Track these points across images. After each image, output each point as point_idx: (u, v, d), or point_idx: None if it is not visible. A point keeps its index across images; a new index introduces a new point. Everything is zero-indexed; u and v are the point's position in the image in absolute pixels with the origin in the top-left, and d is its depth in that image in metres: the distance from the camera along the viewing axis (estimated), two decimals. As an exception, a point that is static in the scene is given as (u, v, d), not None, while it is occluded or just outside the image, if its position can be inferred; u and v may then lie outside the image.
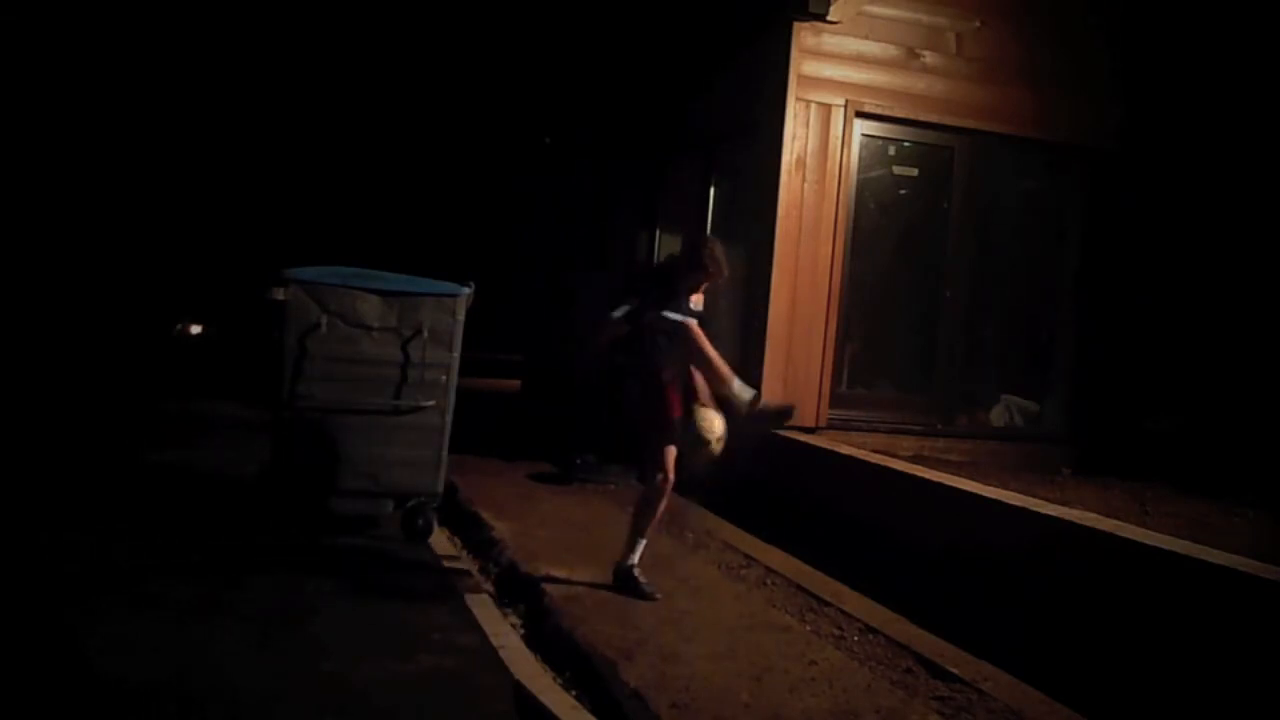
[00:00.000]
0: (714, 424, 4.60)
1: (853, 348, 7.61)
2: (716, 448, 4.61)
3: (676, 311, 4.72)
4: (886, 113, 7.17)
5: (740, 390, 4.62)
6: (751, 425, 4.81)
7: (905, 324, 7.85)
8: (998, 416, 7.80)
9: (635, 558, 4.77)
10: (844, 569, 5.32)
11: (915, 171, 7.76)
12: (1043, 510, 4.70)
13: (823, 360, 7.02)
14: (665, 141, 9.06)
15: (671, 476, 4.70)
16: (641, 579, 4.73)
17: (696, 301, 4.83)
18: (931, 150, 7.54)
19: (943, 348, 7.59)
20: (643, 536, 4.77)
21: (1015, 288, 7.99)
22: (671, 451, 4.67)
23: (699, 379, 4.73)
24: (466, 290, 5.86)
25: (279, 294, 5.92)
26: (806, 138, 6.98)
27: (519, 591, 4.94)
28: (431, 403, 5.76)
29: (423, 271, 6.05)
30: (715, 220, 8.18)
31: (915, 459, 6.58)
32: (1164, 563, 3.93)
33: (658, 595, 4.67)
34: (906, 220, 7.79)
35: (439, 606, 4.72)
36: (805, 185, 6.98)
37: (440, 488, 5.88)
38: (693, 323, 4.68)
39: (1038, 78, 7.38)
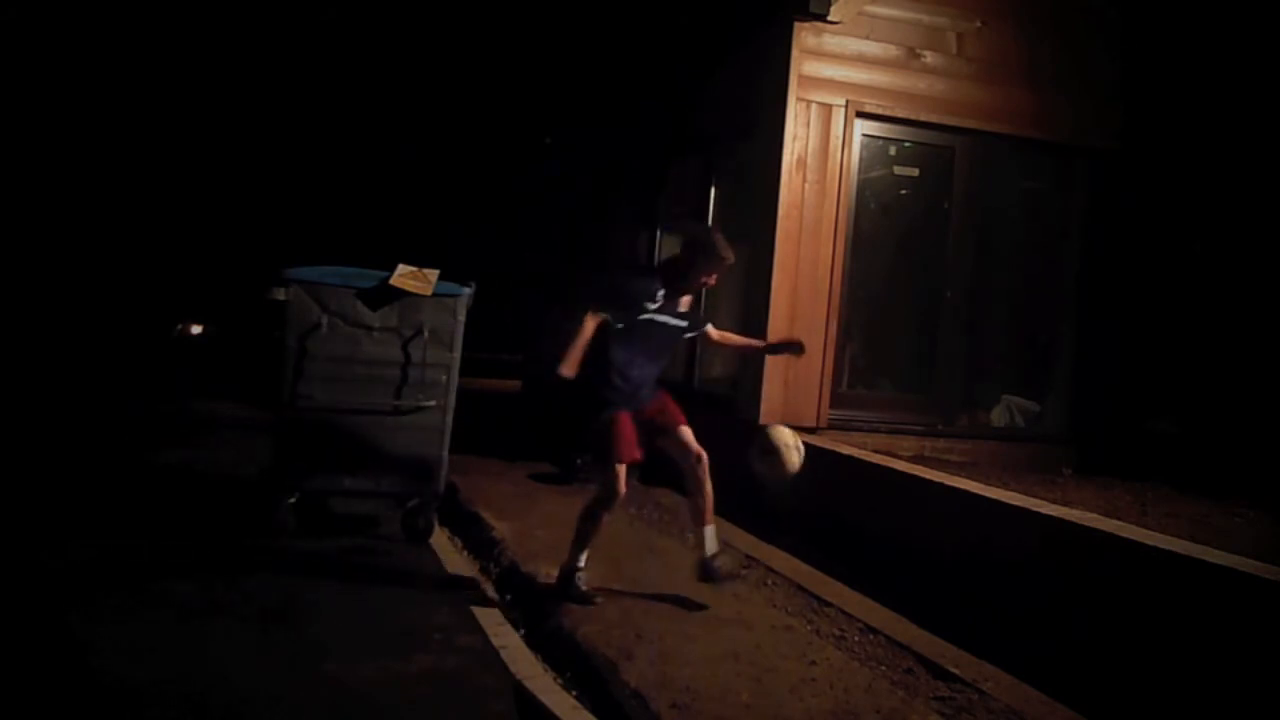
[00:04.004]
0: (783, 434, 4.66)
1: (853, 348, 7.60)
2: (791, 456, 4.64)
3: (672, 315, 4.75)
4: (887, 113, 7.16)
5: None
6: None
7: (906, 324, 7.84)
8: (998, 417, 7.80)
9: (580, 561, 4.71)
10: (844, 569, 5.33)
11: (916, 172, 7.76)
12: (1043, 510, 4.70)
13: (823, 360, 7.02)
14: (666, 141, 9.06)
15: (620, 498, 4.63)
16: (582, 582, 4.68)
17: (685, 304, 4.83)
18: (932, 150, 7.53)
19: (943, 348, 7.58)
20: (580, 550, 4.69)
21: (1016, 288, 7.98)
22: (622, 473, 4.60)
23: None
24: (467, 290, 5.86)
25: (280, 294, 5.93)
26: (807, 138, 6.98)
27: (519, 591, 4.94)
28: (432, 403, 5.76)
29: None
30: (716, 220, 8.17)
31: (916, 459, 6.58)
32: (1164, 563, 3.93)
33: (597, 600, 4.62)
34: (907, 220, 7.78)
35: (439, 606, 4.72)
36: (806, 185, 6.98)
37: (441, 488, 5.88)
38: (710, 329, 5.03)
39: (1038, 78, 7.38)
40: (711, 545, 4.69)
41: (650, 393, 4.79)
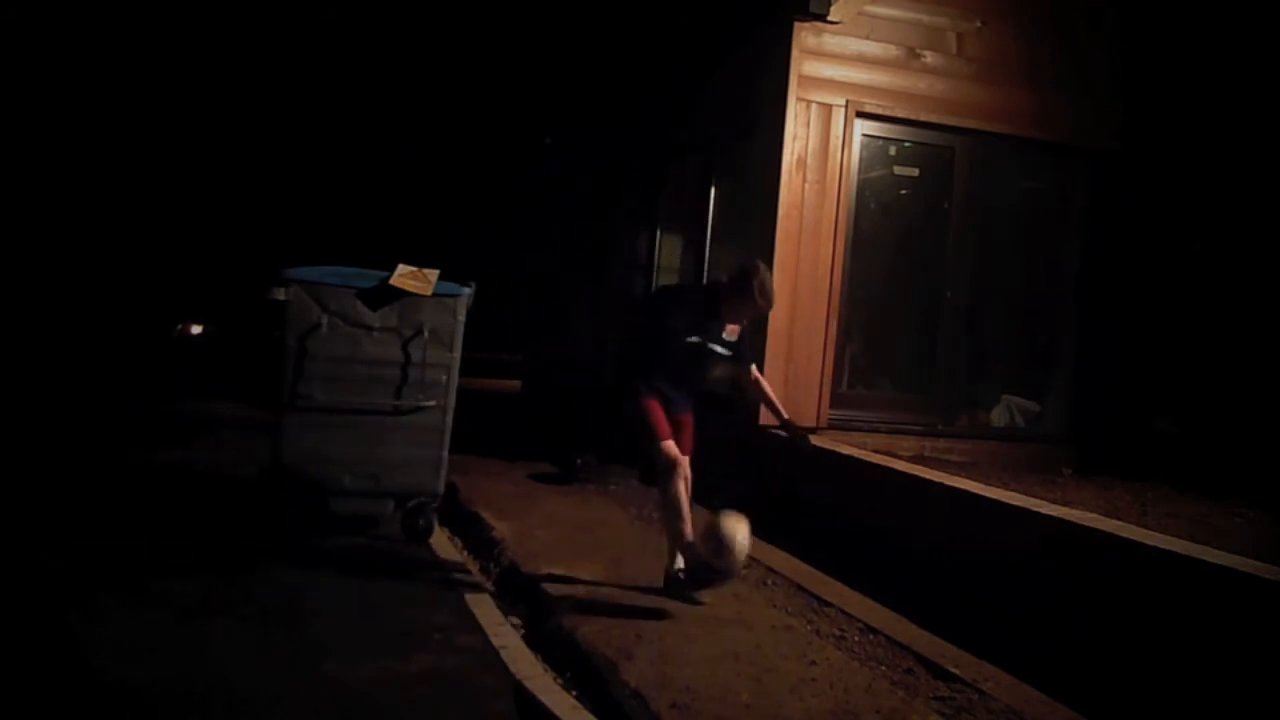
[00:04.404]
0: (737, 532, 4.47)
1: (853, 348, 7.61)
2: (737, 557, 4.50)
3: (714, 340, 4.70)
4: (887, 113, 7.17)
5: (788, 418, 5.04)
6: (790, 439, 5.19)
7: (906, 324, 7.84)
8: (998, 417, 7.80)
9: (680, 563, 4.68)
10: (844, 569, 5.32)
11: (916, 171, 7.76)
12: (1043, 510, 4.70)
13: (823, 360, 7.02)
14: (666, 141, 9.07)
15: (680, 464, 4.63)
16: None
17: (731, 332, 4.76)
18: (932, 150, 7.53)
19: (943, 348, 7.58)
20: (682, 538, 4.61)
21: (1016, 288, 7.99)
22: (670, 446, 4.64)
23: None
24: (467, 290, 5.86)
25: (280, 294, 5.92)
26: (807, 138, 6.98)
27: (519, 591, 4.94)
28: (432, 403, 5.76)
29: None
30: (716, 220, 8.18)
31: (916, 459, 6.58)
32: (1164, 563, 3.93)
33: (703, 600, 4.58)
34: (907, 220, 7.78)
35: (439, 606, 4.72)
36: (806, 185, 6.98)
37: (441, 488, 5.88)
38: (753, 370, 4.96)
39: (1038, 78, 7.38)
40: (680, 561, 4.72)
41: (679, 408, 4.76)
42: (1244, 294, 7.20)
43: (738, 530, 4.44)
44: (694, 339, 4.67)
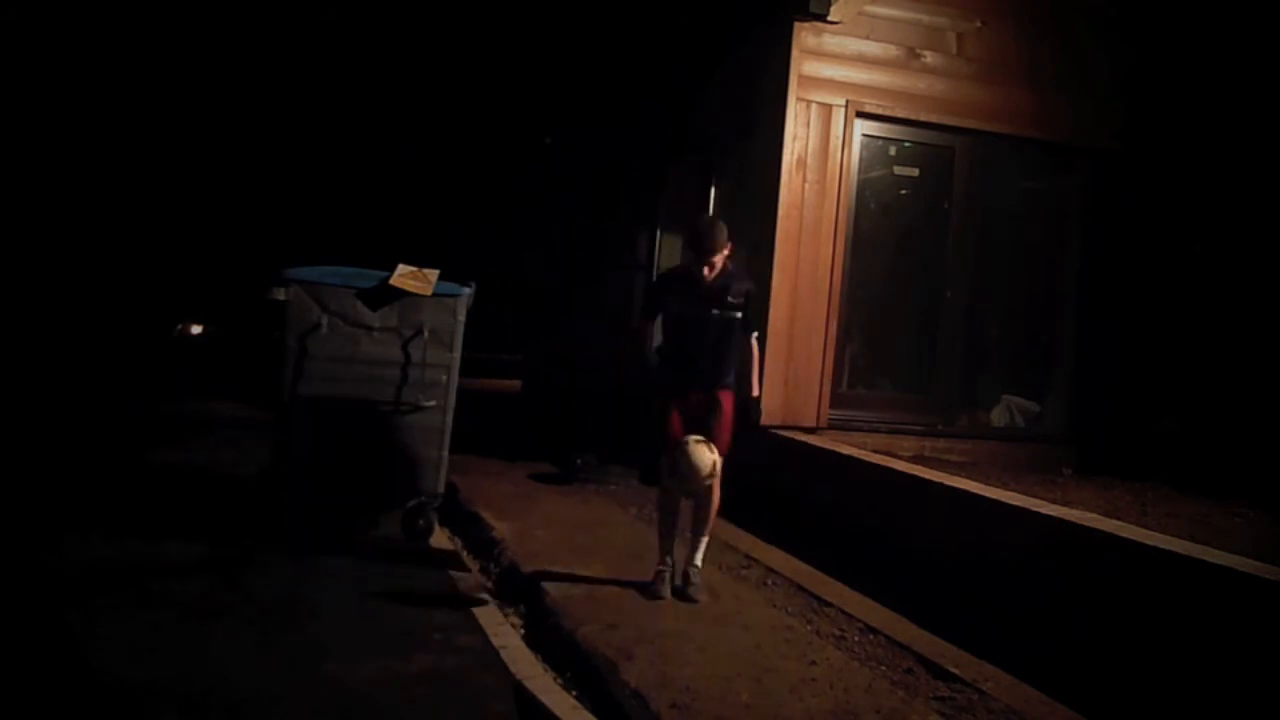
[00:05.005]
0: (701, 460, 4.52)
1: (853, 348, 7.61)
2: (699, 483, 4.57)
3: (714, 303, 4.67)
4: (887, 113, 7.17)
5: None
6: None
7: (906, 324, 7.84)
8: (998, 417, 7.80)
9: (666, 561, 4.79)
10: (845, 569, 5.32)
11: (916, 171, 7.76)
12: (1043, 510, 4.69)
13: (823, 360, 7.02)
14: (666, 141, 9.07)
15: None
16: (660, 582, 4.72)
17: (738, 293, 4.73)
18: (932, 150, 7.54)
19: (943, 348, 7.58)
20: (660, 549, 4.80)
21: (1016, 288, 7.99)
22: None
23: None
24: (467, 290, 5.86)
25: (280, 294, 5.93)
26: (807, 138, 6.98)
27: (519, 591, 4.94)
28: (432, 403, 5.76)
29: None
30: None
31: (916, 459, 6.58)
32: (1164, 563, 3.92)
33: (661, 597, 4.65)
34: (907, 220, 7.78)
35: (439, 606, 4.72)
36: (806, 185, 6.98)
37: (441, 488, 5.88)
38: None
39: (1038, 78, 7.38)
40: (699, 557, 4.76)
41: (704, 390, 4.75)
42: (1244, 294, 7.20)
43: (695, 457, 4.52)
44: (688, 310, 4.68)
